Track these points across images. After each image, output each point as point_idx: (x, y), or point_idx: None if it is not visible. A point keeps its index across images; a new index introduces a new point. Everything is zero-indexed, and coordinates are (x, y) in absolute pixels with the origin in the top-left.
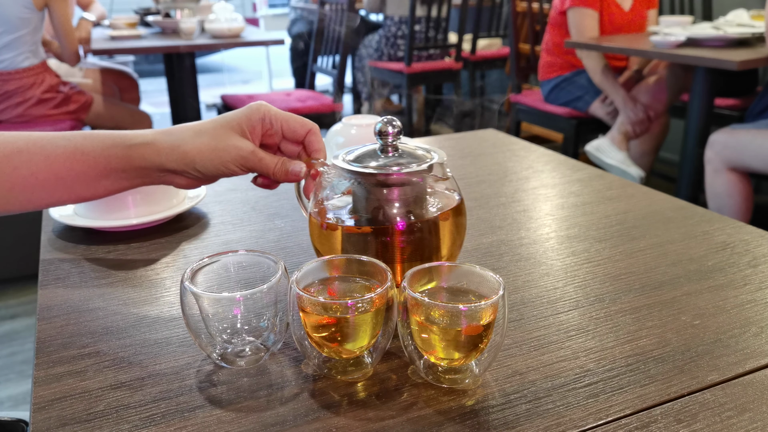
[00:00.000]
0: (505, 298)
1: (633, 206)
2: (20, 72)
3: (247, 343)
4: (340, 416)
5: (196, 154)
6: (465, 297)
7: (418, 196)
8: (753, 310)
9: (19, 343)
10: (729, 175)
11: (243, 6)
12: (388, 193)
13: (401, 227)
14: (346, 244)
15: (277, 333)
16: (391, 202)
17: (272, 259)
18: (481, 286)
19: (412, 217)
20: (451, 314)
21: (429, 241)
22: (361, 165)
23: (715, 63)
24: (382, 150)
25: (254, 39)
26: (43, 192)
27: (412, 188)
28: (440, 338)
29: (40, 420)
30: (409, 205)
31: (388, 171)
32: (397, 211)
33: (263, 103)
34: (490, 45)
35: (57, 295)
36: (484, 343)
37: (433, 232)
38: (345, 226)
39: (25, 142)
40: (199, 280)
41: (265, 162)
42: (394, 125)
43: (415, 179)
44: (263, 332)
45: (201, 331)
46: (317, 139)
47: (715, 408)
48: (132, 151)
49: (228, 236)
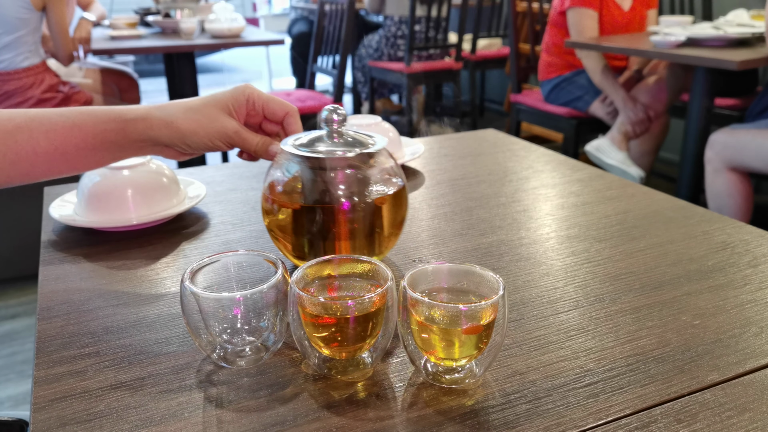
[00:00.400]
0: (505, 298)
1: (633, 206)
2: (20, 72)
3: (247, 343)
4: (340, 416)
5: (187, 130)
6: (465, 297)
7: (359, 179)
8: (753, 310)
9: (19, 343)
10: (729, 175)
11: (243, 6)
12: (329, 176)
13: (342, 207)
14: (292, 221)
15: (277, 333)
16: (332, 184)
17: (272, 259)
18: (481, 286)
19: (354, 198)
20: (452, 314)
21: (368, 221)
22: (308, 150)
23: (715, 63)
24: (328, 136)
25: (254, 39)
26: (44, 165)
27: (352, 171)
28: (440, 338)
29: (40, 420)
30: (350, 186)
31: (328, 155)
32: (338, 192)
33: (249, 84)
34: (490, 45)
35: (57, 295)
36: (484, 343)
37: (374, 213)
38: (289, 204)
39: (24, 119)
40: (199, 279)
41: (248, 141)
42: (339, 113)
43: (355, 163)
44: (263, 332)
45: (201, 331)
46: (294, 121)
47: (715, 408)
48: (127, 125)
49: (228, 236)
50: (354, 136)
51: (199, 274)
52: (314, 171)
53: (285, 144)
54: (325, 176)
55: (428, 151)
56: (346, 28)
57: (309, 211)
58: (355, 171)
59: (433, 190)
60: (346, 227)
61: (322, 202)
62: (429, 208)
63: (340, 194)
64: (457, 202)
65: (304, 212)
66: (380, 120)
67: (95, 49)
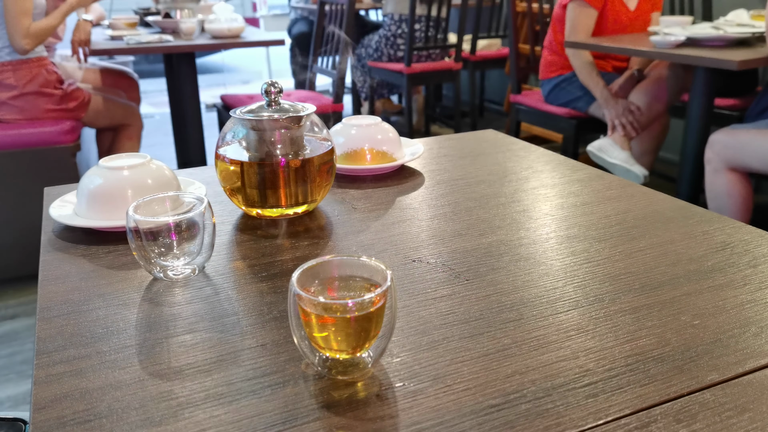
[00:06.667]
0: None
1: (633, 206)
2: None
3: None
4: (340, 416)
5: None
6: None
7: (292, 139)
8: (753, 310)
9: (19, 343)
10: (729, 175)
11: (243, 6)
12: (269, 136)
13: (279, 163)
14: (240, 176)
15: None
16: (271, 143)
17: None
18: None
19: (289, 155)
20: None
21: (302, 174)
22: (252, 114)
23: (715, 63)
24: (268, 105)
25: (254, 39)
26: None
27: (286, 132)
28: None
29: (40, 420)
30: (284, 145)
31: (265, 117)
32: (276, 149)
33: None
34: (490, 45)
35: (57, 295)
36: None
37: (306, 168)
38: (237, 161)
39: None
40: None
41: None
42: (276, 86)
43: (289, 125)
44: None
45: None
46: None
47: (714, 408)
48: None
49: (228, 236)
50: (289, 104)
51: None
52: (256, 132)
53: (234, 112)
54: (264, 135)
55: (428, 152)
56: (346, 28)
57: (251, 166)
58: (288, 131)
59: (432, 190)
60: (282, 178)
61: (263, 158)
62: (429, 208)
63: (277, 151)
64: (457, 202)
65: (248, 167)
66: (380, 120)
67: (95, 49)
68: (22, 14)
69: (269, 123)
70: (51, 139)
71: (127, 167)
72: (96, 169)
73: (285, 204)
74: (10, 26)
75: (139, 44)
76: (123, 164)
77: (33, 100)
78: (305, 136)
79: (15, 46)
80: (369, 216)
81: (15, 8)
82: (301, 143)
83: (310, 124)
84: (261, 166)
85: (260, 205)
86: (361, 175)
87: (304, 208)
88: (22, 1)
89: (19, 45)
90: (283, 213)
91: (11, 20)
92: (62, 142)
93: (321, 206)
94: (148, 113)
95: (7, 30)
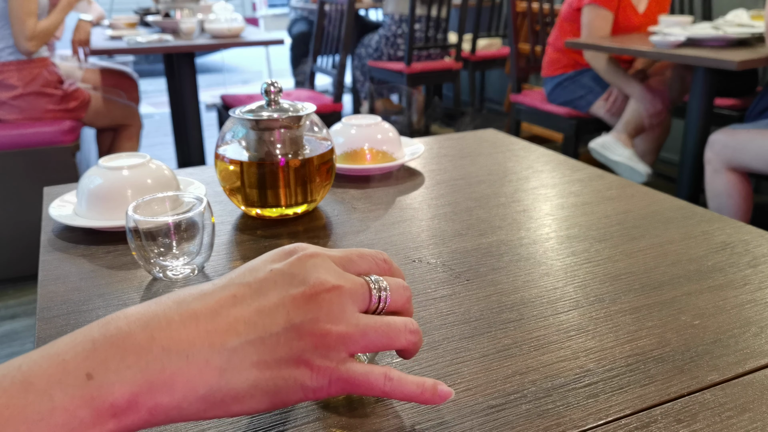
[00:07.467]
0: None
1: (633, 206)
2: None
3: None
4: (340, 416)
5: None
6: None
7: (292, 139)
8: (753, 310)
9: (19, 343)
10: (729, 175)
11: (243, 6)
12: (268, 135)
13: (278, 162)
14: (240, 176)
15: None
16: (271, 142)
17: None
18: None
19: (289, 155)
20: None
21: (301, 174)
22: (251, 114)
23: (715, 63)
24: (267, 104)
25: (254, 39)
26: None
27: (286, 132)
28: None
29: None
30: (284, 145)
31: (265, 117)
32: (275, 149)
33: None
34: (490, 45)
35: (57, 295)
36: None
37: (306, 168)
38: (237, 160)
39: None
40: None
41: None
42: (275, 86)
43: (288, 124)
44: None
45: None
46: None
47: (715, 408)
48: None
49: (228, 236)
50: (288, 104)
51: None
52: (256, 131)
53: (233, 111)
54: (264, 135)
55: (428, 151)
56: (346, 28)
57: (251, 165)
58: (287, 130)
59: (432, 190)
60: (282, 178)
61: (262, 158)
62: (429, 208)
63: (276, 151)
64: (457, 202)
65: (248, 166)
66: (380, 120)
67: (95, 49)
68: (27, 15)
69: (269, 123)
70: (51, 138)
71: (126, 167)
72: (96, 168)
73: (285, 204)
74: (16, 28)
75: (138, 44)
76: (123, 164)
77: (33, 100)
78: (305, 136)
79: (20, 48)
80: (369, 216)
81: (20, 10)
82: (301, 143)
83: (310, 124)
84: (261, 165)
85: (260, 205)
86: (361, 174)
87: (303, 208)
88: (28, 3)
89: (24, 47)
90: (283, 213)
91: (16, 22)
92: (62, 141)
93: (321, 206)
94: (147, 113)
95: (13, 32)
